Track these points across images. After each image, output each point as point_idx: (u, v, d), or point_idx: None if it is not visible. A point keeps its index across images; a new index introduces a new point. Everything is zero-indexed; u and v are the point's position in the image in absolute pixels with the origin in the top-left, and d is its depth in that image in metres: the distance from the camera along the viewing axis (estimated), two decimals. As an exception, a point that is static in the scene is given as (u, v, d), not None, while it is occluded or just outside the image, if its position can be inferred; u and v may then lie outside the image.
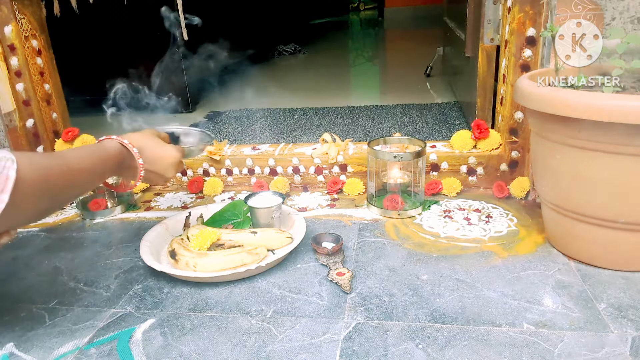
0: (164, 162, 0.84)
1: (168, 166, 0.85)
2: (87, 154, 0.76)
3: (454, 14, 1.90)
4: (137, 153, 0.80)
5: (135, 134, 0.84)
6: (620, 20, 0.97)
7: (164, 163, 0.84)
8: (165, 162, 0.84)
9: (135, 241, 1.00)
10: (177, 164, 0.86)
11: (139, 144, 0.82)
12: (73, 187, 0.73)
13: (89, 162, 0.75)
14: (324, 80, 2.76)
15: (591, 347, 0.66)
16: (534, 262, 0.86)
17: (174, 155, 0.85)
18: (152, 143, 0.84)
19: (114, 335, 0.74)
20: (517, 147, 1.11)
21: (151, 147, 0.83)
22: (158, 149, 0.84)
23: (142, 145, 0.82)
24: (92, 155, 0.76)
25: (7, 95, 1.25)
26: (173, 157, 0.85)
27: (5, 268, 0.95)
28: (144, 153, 0.82)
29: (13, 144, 1.30)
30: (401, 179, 1.10)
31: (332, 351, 0.68)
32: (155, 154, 0.83)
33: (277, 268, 0.89)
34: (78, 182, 0.73)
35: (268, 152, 1.26)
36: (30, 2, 1.27)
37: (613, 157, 0.74)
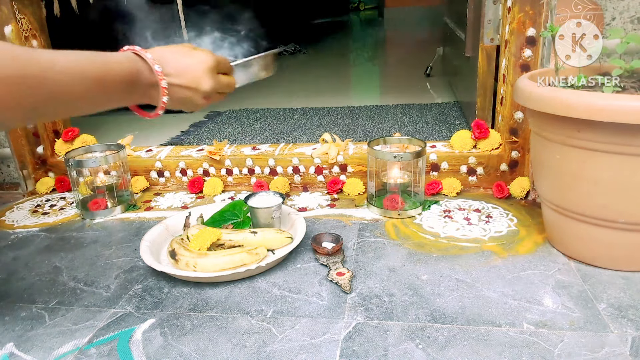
0: (193, 70, 0.65)
1: (200, 75, 0.65)
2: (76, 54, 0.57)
3: (454, 14, 1.90)
4: (152, 59, 0.62)
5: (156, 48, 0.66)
6: (620, 20, 0.97)
7: (193, 72, 0.64)
8: (195, 69, 0.65)
9: (135, 241, 1.00)
10: (212, 70, 0.66)
11: (159, 54, 0.64)
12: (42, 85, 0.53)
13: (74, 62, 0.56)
14: (324, 80, 2.76)
15: (591, 347, 0.66)
16: (534, 262, 0.86)
17: (205, 59, 0.66)
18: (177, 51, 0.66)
19: (114, 335, 0.74)
20: (517, 147, 1.11)
21: (175, 56, 0.65)
22: (184, 57, 0.65)
23: (163, 55, 0.64)
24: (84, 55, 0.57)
25: (7, 95, 1.25)
26: (204, 62, 0.66)
27: (5, 268, 0.95)
28: (165, 64, 0.64)
29: (13, 144, 1.30)
30: (401, 179, 1.10)
31: (332, 351, 0.68)
32: (180, 63, 0.65)
33: (277, 268, 0.89)
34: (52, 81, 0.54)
35: (268, 152, 1.26)
36: (30, 2, 1.27)
37: (613, 157, 0.74)
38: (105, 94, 0.59)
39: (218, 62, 0.68)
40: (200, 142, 1.69)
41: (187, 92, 0.65)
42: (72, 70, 0.55)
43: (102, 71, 0.58)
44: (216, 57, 0.68)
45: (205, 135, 1.78)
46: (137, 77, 0.62)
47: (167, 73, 0.64)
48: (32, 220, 1.16)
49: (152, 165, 1.30)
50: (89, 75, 0.56)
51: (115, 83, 0.59)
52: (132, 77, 0.61)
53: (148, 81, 0.63)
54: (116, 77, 0.59)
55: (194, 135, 1.79)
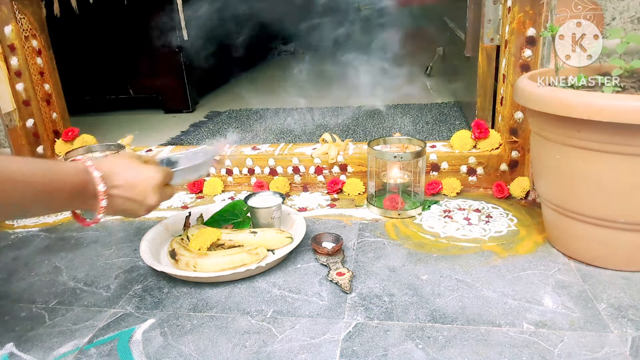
0: (141, 185, 0.69)
1: (147, 190, 0.69)
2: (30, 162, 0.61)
3: (454, 14, 1.90)
4: (98, 177, 0.65)
5: (110, 157, 0.72)
6: (620, 20, 0.97)
7: (141, 187, 0.69)
8: (143, 185, 0.69)
9: (135, 241, 1.00)
10: (158, 187, 0.71)
11: (108, 168, 0.67)
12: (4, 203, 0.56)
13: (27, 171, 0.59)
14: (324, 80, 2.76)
15: (591, 347, 0.66)
16: (534, 262, 0.86)
17: (152, 175, 0.70)
18: (127, 165, 0.70)
19: (114, 335, 0.74)
20: (517, 147, 1.11)
21: (125, 169, 0.69)
22: (133, 172, 0.69)
23: (112, 169, 0.67)
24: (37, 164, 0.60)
25: (7, 95, 1.25)
26: (152, 178, 0.70)
27: (5, 268, 0.95)
28: (115, 177, 0.67)
29: (13, 144, 1.30)
30: (401, 179, 1.10)
31: (332, 351, 0.68)
32: (129, 177, 0.68)
33: (277, 268, 0.89)
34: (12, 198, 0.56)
35: (268, 152, 1.26)
36: (30, 2, 1.27)
37: (613, 157, 0.74)
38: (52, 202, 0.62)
39: (165, 177, 0.72)
40: (200, 142, 1.69)
41: (132, 204, 0.70)
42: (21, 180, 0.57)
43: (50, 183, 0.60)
44: (163, 173, 0.72)
45: (205, 135, 1.78)
46: (83, 189, 0.64)
47: (115, 185, 0.67)
48: (32, 220, 1.16)
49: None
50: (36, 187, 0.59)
51: (61, 194, 0.62)
52: (78, 189, 0.64)
53: (93, 192, 0.66)
54: (63, 188, 0.62)
55: (194, 135, 1.79)
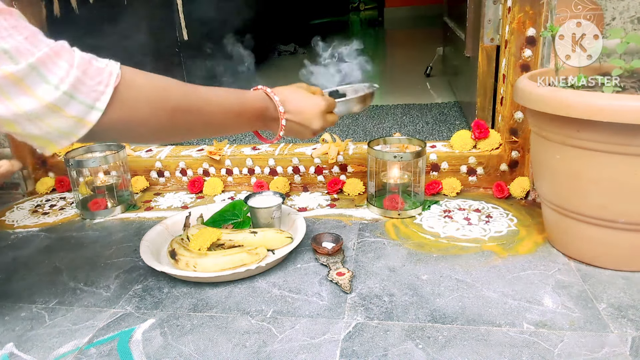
0: (309, 112, 0.80)
1: (313, 116, 0.81)
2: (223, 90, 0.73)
3: (454, 14, 1.90)
4: (278, 101, 0.78)
5: (282, 87, 0.82)
6: (620, 20, 0.97)
7: (308, 113, 0.80)
8: (310, 112, 0.80)
9: (135, 241, 1.00)
10: (322, 113, 0.82)
11: (283, 95, 0.79)
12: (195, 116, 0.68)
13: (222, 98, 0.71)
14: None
15: (591, 347, 0.66)
16: (534, 262, 0.86)
17: (319, 104, 0.81)
18: (298, 94, 0.81)
19: (114, 335, 0.74)
20: (517, 147, 1.11)
21: (296, 97, 0.81)
22: (302, 99, 0.81)
23: (286, 96, 0.80)
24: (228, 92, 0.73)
25: (7, 95, 1.25)
26: (318, 105, 0.81)
27: (5, 268, 0.95)
28: (287, 103, 0.79)
29: (13, 144, 1.30)
30: (401, 179, 1.10)
31: (332, 351, 0.68)
32: (299, 104, 0.80)
33: (277, 268, 0.89)
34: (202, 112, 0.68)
35: (268, 152, 1.26)
36: (30, 2, 1.27)
37: (613, 157, 0.74)
38: (240, 124, 0.76)
39: (328, 105, 0.83)
40: (200, 142, 1.69)
41: (301, 128, 0.82)
42: (222, 105, 0.71)
43: (242, 107, 0.74)
44: (327, 102, 0.83)
45: (205, 135, 1.78)
46: (265, 113, 0.78)
47: (287, 110, 0.79)
48: (32, 220, 1.16)
49: (152, 165, 1.30)
50: (233, 109, 0.73)
51: (250, 116, 0.76)
52: (262, 112, 0.77)
53: (272, 116, 0.79)
54: (251, 112, 0.75)
55: (194, 135, 1.79)
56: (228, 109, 0.72)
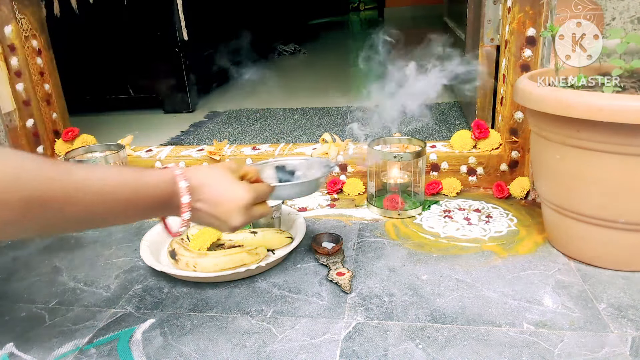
0: (227, 205, 0.65)
1: (232, 211, 0.65)
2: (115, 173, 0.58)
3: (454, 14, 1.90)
4: (185, 188, 0.62)
5: (202, 167, 0.69)
6: (620, 20, 0.97)
7: (226, 206, 0.65)
8: (229, 205, 0.65)
9: (135, 241, 1.00)
10: (246, 207, 0.66)
11: (197, 180, 0.64)
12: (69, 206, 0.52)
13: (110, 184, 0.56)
14: (324, 80, 2.76)
15: (591, 347, 0.66)
16: (534, 262, 0.86)
17: (241, 196, 0.65)
18: (217, 179, 0.66)
19: (114, 335, 0.74)
20: (517, 147, 1.11)
21: (213, 184, 0.65)
22: (222, 188, 0.65)
23: (203, 181, 0.64)
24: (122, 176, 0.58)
25: (7, 95, 1.25)
26: (239, 198, 0.65)
27: (5, 268, 0.95)
28: (201, 190, 0.64)
29: (13, 144, 1.30)
30: (401, 179, 1.10)
31: (332, 351, 0.68)
32: (216, 194, 0.65)
33: (277, 268, 0.89)
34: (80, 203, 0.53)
35: (268, 152, 1.26)
36: (30, 2, 1.27)
37: (613, 157, 0.74)
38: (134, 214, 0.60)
39: (255, 198, 0.68)
40: (200, 142, 1.69)
41: (216, 221, 0.66)
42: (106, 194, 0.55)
43: (135, 195, 0.58)
44: (254, 194, 0.67)
45: (205, 135, 1.78)
46: (169, 201, 0.62)
47: (200, 199, 0.64)
48: (32, 220, 1.16)
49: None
50: (122, 198, 0.57)
51: (146, 206, 0.60)
52: (166, 201, 0.62)
53: (177, 204, 0.63)
54: (148, 201, 0.60)
55: (194, 135, 1.79)
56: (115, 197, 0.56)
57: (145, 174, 0.60)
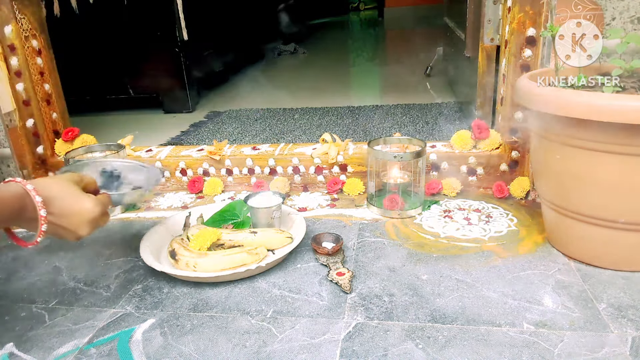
0: (77, 217, 0.70)
1: (80, 222, 0.70)
2: None
3: (454, 14, 1.90)
4: (40, 202, 0.66)
5: (48, 179, 0.71)
6: (620, 20, 0.97)
7: (75, 218, 0.69)
8: (78, 217, 0.70)
9: (135, 241, 1.00)
10: (93, 219, 0.71)
11: (47, 193, 0.68)
12: None
13: None
14: (324, 80, 2.76)
15: (591, 347, 0.66)
16: (534, 262, 0.86)
17: (90, 209, 0.70)
18: (65, 192, 0.70)
19: (114, 335, 0.74)
20: (517, 147, 1.11)
21: (63, 197, 0.69)
22: (71, 200, 0.69)
23: (51, 194, 0.68)
24: None
25: (7, 95, 1.25)
26: (88, 211, 0.70)
27: (5, 268, 0.95)
28: (52, 203, 0.67)
29: (13, 144, 1.30)
30: (401, 179, 1.10)
31: (332, 351, 0.68)
32: (66, 206, 0.69)
33: (277, 268, 0.89)
34: None
35: (268, 152, 1.26)
36: (30, 2, 1.27)
37: (613, 157, 0.74)
38: None
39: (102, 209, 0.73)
40: (200, 142, 1.69)
41: (64, 232, 0.70)
42: None
43: None
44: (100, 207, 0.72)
45: (205, 135, 1.78)
46: (21, 212, 0.66)
47: (50, 212, 0.68)
48: (32, 220, 1.16)
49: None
50: None
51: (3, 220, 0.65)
52: (17, 214, 0.66)
53: (30, 216, 0.67)
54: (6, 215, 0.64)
55: (194, 135, 1.79)
56: None
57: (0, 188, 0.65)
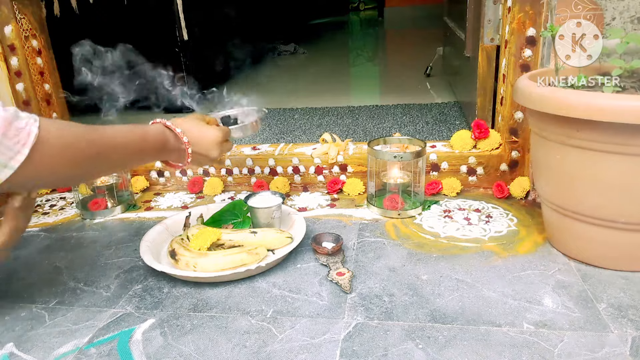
0: (206, 142, 0.87)
1: (210, 146, 0.87)
2: (125, 130, 0.77)
3: (454, 14, 1.90)
4: (181, 133, 0.83)
5: (180, 118, 0.87)
6: (620, 20, 0.97)
7: (206, 143, 0.87)
8: (207, 142, 0.87)
9: (135, 241, 1.00)
10: (219, 143, 0.88)
11: (182, 126, 0.85)
12: (102, 160, 0.73)
13: (125, 138, 0.76)
14: (324, 80, 2.76)
15: (591, 347, 0.66)
16: (534, 262, 0.86)
17: (216, 134, 0.88)
18: (195, 125, 0.87)
19: (114, 335, 0.74)
20: (517, 147, 1.11)
21: (195, 129, 0.86)
22: (200, 131, 0.87)
23: (184, 127, 0.85)
24: (130, 132, 0.78)
25: (7, 95, 1.25)
26: (215, 136, 0.87)
27: (5, 268, 0.95)
28: (187, 134, 0.84)
29: (13, 144, 1.30)
30: (401, 179, 1.10)
31: (332, 351, 0.68)
32: (197, 135, 0.86)
33: (277, 268, 0.89)
34: (109, 156, 0.74)
35: (268, 152, 1.26)
36: (30, 2, 1.27)
37: (613, 157, 0.74)
38: (143, 159, 0.81)
39: (224, 135, 0.90)
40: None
41: (200, 157, 0.88)
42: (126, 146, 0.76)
43: (144, 144, 0.79)
44: (223, 132, 0.89)
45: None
46: (165, 145, 0.82)
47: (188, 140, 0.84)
48: (32, 220, 1.16)
49: (152, 165, 1.30)
50: (136, 147, 0.78)
51: (151, 151, 0.81)
52: (163, 145, 0.82)
53: (173, 147, 0.84)
54: (152, 147, 0.80)
55: (194, 135, 1.79)
56: (132, 148, 0.77)
57: (147, 129, 0.80)
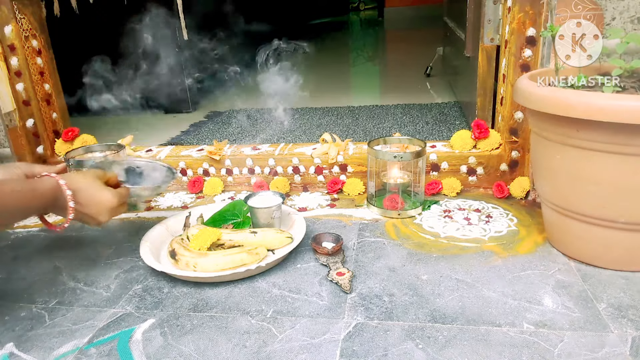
0: (98, 206, 0.84)
1: (102, 211, 0.84)
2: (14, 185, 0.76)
3: (454, 14, 1.90)
4: (70, 195, 0.80)
5: (76, 175, 0.86)
6: (620, 20, 0.97)
7: (97, 207, 0.84)
8: (99, 206, 0.84)
9: (135, 241, 1.00)
10: (112, 208, 0.85)
11: (75, 186, 0.82)
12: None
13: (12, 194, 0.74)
14: (324, 80, 2.76)
15: (591, 347, 0.66)
16: (534, 262, 0.86)
17: (110, 200, 0.85)
18: (90, 186, 0.84)
19: (114, 335, 0.74)
20: (517, 147, 1.11)
21: (87, 189, 0.83)
22: (94, 192, 0.84)
23: (78, 186, 0.82)
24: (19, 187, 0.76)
25: (7, 95, 1.25)
26: (108, 201, 0.84)
27: (5, 268, 0.95)
28: (79, 195, 0.82)
29: (13, 144, 1.30)
30: (401, 179, 1.10)
31: (332, 351, 0.68)
32: (89, 197, 0.83)
33: (277, 268, 0.89)
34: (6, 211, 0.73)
35: (268, 152, 1.26)
36: (30, 2, 1.27)
37: (613, 157, 0.74)
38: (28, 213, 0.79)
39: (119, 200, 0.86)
40: (200, 142, 1.69)
41: (89, 218, 0.85)
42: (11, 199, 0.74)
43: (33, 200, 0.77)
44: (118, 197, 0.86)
45: (205, 135, 1.78)
46: (54, 203, 0.80)
47: (78, 202, 0.82)
48: (32, 220, 1.16)
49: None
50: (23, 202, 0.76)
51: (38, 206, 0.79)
52: (52, 203, 0.80)
53: (61, 205, 0.81)
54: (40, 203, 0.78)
55: (194, 135, 1.79)
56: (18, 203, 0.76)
57: (38, 183, 0.79)
